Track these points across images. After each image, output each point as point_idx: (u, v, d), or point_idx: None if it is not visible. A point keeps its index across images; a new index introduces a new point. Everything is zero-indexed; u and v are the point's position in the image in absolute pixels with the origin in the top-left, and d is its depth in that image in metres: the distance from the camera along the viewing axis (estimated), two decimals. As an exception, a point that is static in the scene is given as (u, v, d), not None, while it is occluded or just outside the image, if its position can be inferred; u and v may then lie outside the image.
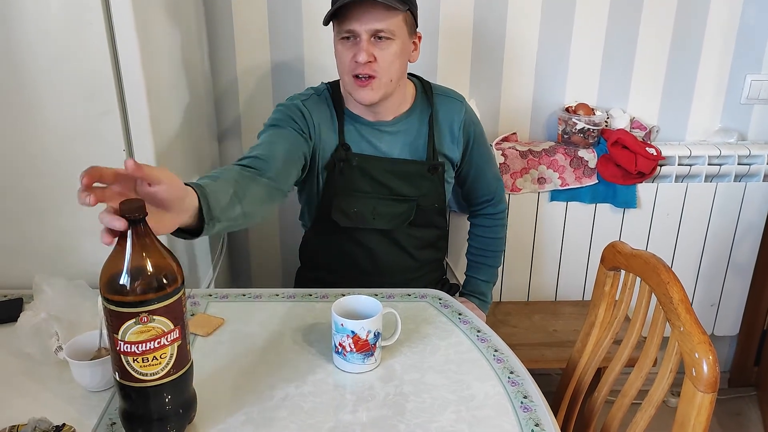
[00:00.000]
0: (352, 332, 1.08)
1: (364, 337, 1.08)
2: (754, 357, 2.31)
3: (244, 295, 1.34)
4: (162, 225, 0.89)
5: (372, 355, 1.10)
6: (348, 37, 1.37)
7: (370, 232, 1.54)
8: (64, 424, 0.94)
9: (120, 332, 0.81)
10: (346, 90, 1.44)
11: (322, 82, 1.54)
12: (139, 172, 0.83)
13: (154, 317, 0.82)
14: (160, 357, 0.84)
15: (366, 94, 1.39)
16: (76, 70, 1.23)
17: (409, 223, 1.54)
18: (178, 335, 0.86)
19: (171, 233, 0.95)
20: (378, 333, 1.10)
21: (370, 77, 1.37)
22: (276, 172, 1.28)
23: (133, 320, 0.81)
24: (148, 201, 0.86)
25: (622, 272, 1.19)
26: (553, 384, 2.07)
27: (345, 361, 1.10)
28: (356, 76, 1.38)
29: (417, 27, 1.44)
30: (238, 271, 2.18)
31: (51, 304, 1.15)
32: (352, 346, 1.08)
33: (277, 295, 1.35)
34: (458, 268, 2.01)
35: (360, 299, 1.15)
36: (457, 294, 1.73)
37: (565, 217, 2.03)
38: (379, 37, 1.35)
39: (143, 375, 0.84)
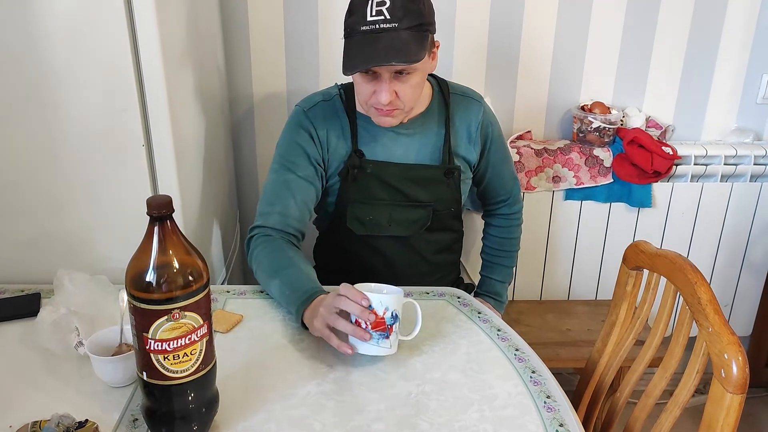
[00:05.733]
0: (370, 307, 1.06)
1: (381, 314, 1.06)
2: (766, 358, 2.30)
3: (261, 292, 1.34)
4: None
5: (387, 337, 1.07)
6: (367, 71, 1.30)
7: (386, 239, 1.51)
8: (86, 420, 0.93)
9: (151, 330, 0.81)
10: (366, 112, 1.40)
11: (335, 84, 1.51)
12: None
13: (186, 313, 0.81)
14: (191, 353, 0.84)
15: (388, 122, 1.37)
16: (97, 65, 1.22)
17: (426, 229, 1.52)
18: (206, 331, 0.85)
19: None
20: (396, 315, 1.07)
21: (392, 110, 1.34)
22: (307, 228, 1.44)
23: (165, 317, 0.80)
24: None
25: (645, 272, 1.18)
26: (566, 383, 2.06)
27: (358, 340, 1.07)
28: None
29: (435, 33, 1.36)
30: (251, 271, 2.17)
31: (71, 299, 1.14)
32: (369, 324, 1.06)
33: (295, 292, 1.34)
34: (471, 266, 2.01)
35: (381, 287, 1.13)
36: (472, 294, 1.72)
37: (579, 216, 2.02)
38: (401, 72, 1.29)
39: (174, 372, 0.84)
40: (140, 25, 1.20)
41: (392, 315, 1.07)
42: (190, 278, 0.82)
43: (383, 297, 1.06)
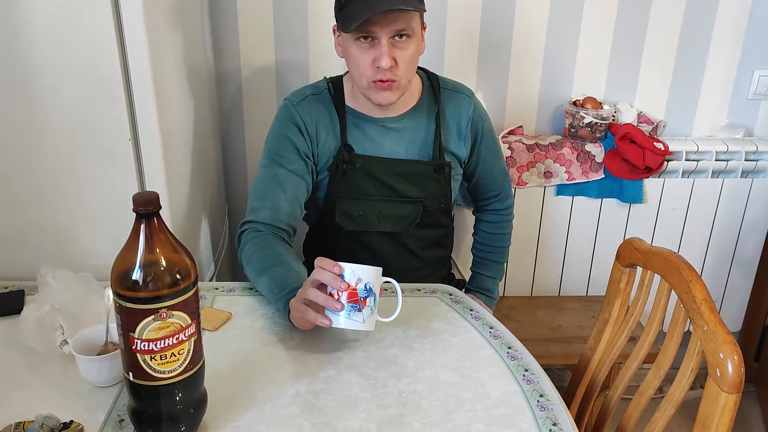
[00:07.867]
0: (342, 276, 1.04)
1: (354, 284, 1.04)
2: (754, 353, 2.31)
3: (251, 289, 1.32)
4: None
5: (360, 310, 1.04)
6: (365, 37, 1.30)
7: (375, 235, 1.49)
8: (71, 421, 0.91)
9: (137, 330, 0.79)
10: (363, 91, 1.37)
11: (324, 77, 1.49)
12: None
13: (173, 312, 0.79)
14: (178, 353, 0.82)
15: (387, 97, 1.35)
16: (83, 58, 1.19)
17: (416, 225, 1.50)
18: (194, 330, 0.84)
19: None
20: (369, 288, 1.05)
21: (392, 80, 1.32)
22: (298, 223, 1.42)
23: (152, 317, 0.78)
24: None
25: (638, 269, 1.17)
26: (556, 379, 2.06)
27: (330, 312, 1.05)
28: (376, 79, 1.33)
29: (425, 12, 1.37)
30: (240, 266, 2.15)
31: (56, 296, 1.12)
32: (341, 294, 1.04)
33: (285, 289, 1.32)
34: (462, 262, 2.00)
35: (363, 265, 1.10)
36: (463, 290, 1.70)
37: (570, 211, 2.01)
38: (399, 36, 1.29)
39: (161, 373, 0.82)
40: (126, 16, 1.17)
41: (365, 287, 1.05)
42: (178, 277, 0.80)
43: (356, 267, 1.04)
